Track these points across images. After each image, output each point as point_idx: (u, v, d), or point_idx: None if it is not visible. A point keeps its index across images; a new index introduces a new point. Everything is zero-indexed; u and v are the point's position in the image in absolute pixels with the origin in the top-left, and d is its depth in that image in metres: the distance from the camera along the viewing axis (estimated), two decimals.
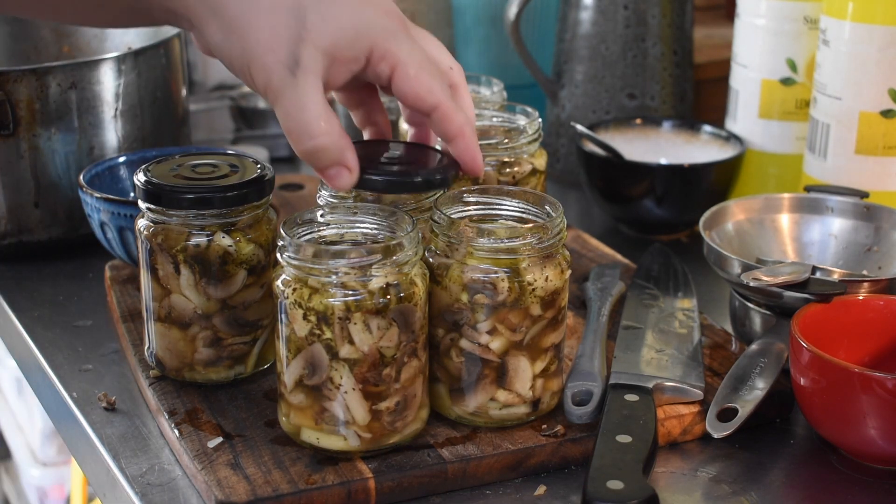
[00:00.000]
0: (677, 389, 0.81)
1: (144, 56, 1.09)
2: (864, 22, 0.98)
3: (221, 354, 0.82)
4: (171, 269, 0.80)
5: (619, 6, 1.22)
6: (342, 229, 0.76)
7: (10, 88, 1.01)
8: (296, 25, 0.70)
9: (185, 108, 1.19)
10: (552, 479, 0.76)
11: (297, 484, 0.72)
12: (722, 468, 0.77)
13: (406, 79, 0.73)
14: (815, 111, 1.04)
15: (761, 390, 0.79)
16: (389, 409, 0.74)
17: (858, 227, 0.96)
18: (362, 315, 0.71)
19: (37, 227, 1.06)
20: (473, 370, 0.76)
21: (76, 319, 0.98)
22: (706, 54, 1.37)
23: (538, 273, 0.75)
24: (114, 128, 1.08)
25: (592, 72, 1.24)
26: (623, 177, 1.12)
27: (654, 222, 1.14)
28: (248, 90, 1.51)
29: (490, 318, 0.75)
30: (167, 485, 0.75)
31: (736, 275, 0.87)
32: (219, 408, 0.81)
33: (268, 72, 0.70)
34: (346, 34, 0.71)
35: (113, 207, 0.95)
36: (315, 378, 0.73)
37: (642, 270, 0.99)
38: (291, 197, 1.15)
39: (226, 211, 0.80)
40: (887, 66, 0.98)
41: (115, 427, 0.82)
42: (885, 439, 0.75)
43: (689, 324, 0.90)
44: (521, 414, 0.78)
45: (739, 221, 0.97)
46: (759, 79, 1.12)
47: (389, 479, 0.73)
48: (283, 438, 0.76)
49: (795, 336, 0.77)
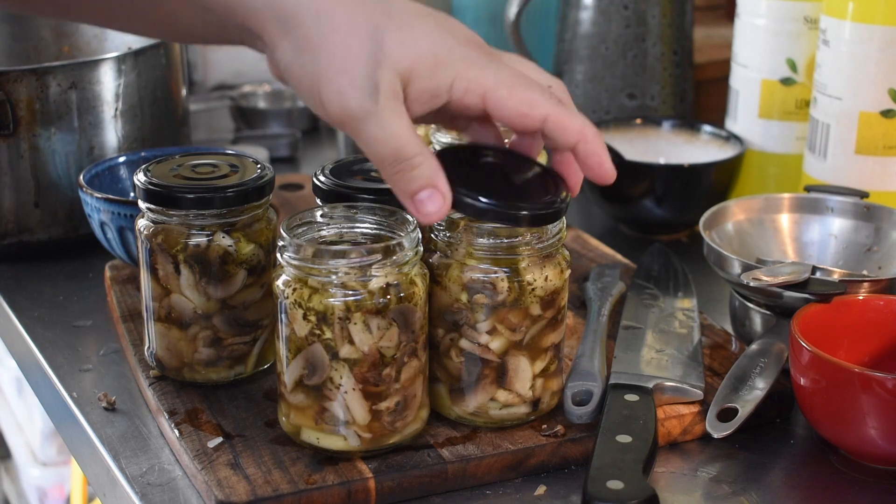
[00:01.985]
0: (677, 389, 0.81)
1: (144, 56, 1.09)
2: (864, 22, 0.98)
3: (221, 354, 0.82)
4: (171, 269, 0.80)
5: (619, 6, 1.22)
6: (342, 229, 0.76)
7: (10, 88, 1.01)
8: (373, 48, 0.66)
9: (185, 108, 1.19)
10: (552, 479, 0.76)
11: (297, 484, 0.72)
12: (722, 468, 0.77)
13: (501, 101, 0.68)
14: (815, 111, 1.04)
15: (761, 390, 0.79)
16: (389, 409, 0.74)
17: (858, 227, 0.96)
18: (362, 315, 0.71)
19: (37, 227, 1.06)
20: (473, 370, 0.76)
21: (76, 319, 0.98)
22: (706, 54, 1.37)
23: (538, 273, 0.75)
24: (114, 128, 1.08)
25: (592, 72, 1.24)
26: (623, 177, 1.11)
27: (654, 222, 1.14)
28: (249, 90, 1.51)
29: (490, 318, 0.75)
30: (167, 485, 0.75)
31: (736, 275, 0.87)
32: (219, 408, 0.81)
33: (342, 95, 0.66)
34: (426, 61, 0.67)
35: (113, 207, 0.95)
36: (315, 378, 0.73)
37: (642, 270, 0.99)
38: (291, 197, 1.15)
39: (226, 211, 0.80)
40: (887, 66, 0.98)
41: (115, 427, 0.82)
42: (885, 439, 0.75)
43: (689, 324, 0.90)
44: (521, 414, 0.78)
45: (739, 221, 0.97)
46: (759, 79, 1.12)
47: (389, 479, 0.73)
48: (283, 438, 0.76)
49: (795, 336, 0.77)
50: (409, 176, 0.67)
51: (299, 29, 0.67)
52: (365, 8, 0.67)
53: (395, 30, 0.67)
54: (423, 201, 0.68)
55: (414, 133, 0.67)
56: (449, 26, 0.70)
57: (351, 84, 0.66)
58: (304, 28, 0.67)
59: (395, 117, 0.66)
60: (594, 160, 0.71)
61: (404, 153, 0.67)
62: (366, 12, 0.67)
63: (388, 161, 0.67)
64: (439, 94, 0.68)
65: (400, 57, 0.67)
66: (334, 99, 0.67)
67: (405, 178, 0.68)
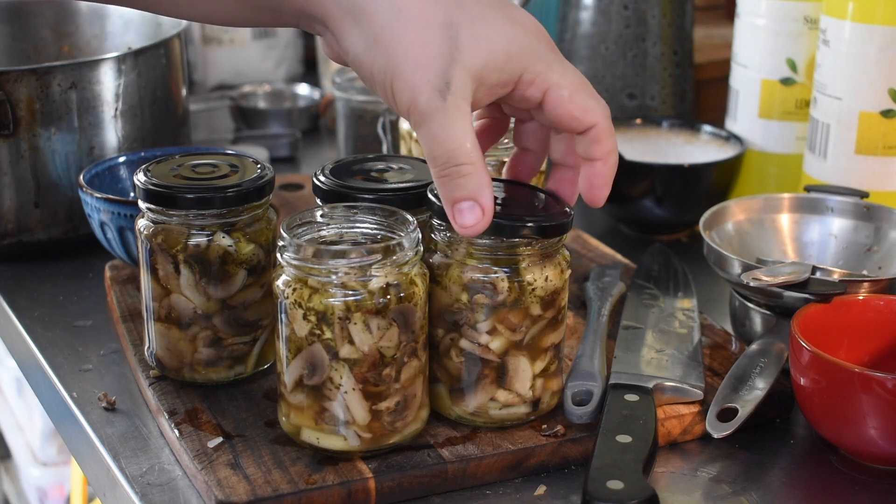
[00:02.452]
0: (677, 389, 0.81)
1: (144, 56, 1.09)
2: (864, 22, 0.98)
3: (221, 354, 0.82)
4: (171, 269, 0.81)
5: (619, 6, 1.22)
6: (342, 229, 0.76)
7: (10, 88, 1.01)
8: (448, 44, 0.66)
9: (185, 108, 1.19)
10: (552, 479, 0.76)
11: (297, 484, 0.72)
12: (722, 468, 0.77)
13: (560, 101, 0.69)
14: (815, 111, 1.04)
15: (761, 390, 0.79)
16: (389, 409, 0.74)
17: (858, 227, 0.96)
18: (362, 315, 0.71)
19: (37, 227, 1.06)
20: (473, 370, 0.76)
21: (76, 319, 0.98)
22: (706, 54, 1.37)
23: (538, 273, 0.75)
24: (114, 128, 1.08)
25: (592, 72, 1.24)
26: (623, 177, 1.11)
27: (654, 222, 1.14)
28: (249, 90, 1.51)
29: (490, 318, 0.75)
30: (167, 485, 0.75)
31: (736, 275, 0.87)
32: (219, 408, 0.81)
33: (415, 91, 0.66)
34: (498, 57, 0.68)
35: (113, 207, 0.95)
36: (315, 378, 0.73)
37: (642, 270, 0.99)
38: (291, 197, 1.15)
39: (226, 211, 0.80)
40: (887, 66, 0.98)
41: (115, 427, 0.82)
42: (885, 439, 0.75)
43: (689, 324, 0.90)
44: (521, 414, 0.78)
45: (739, 221, 0.97)
46: (759, 79, 1.12)
47: (389, 479, 0.73)
48: (283, 438, 0.76)
49: (795, 336, 0.77)
50: (455, 182, 0.68)
51: (372, 22, 0.67)
52: (439, 1, 0.67)
53: (469, 24, 0.67)
54: (463, 211, 0.69)
55: (473, 140, 0.68)
56: (520, 18, 0.70)
57: (424, 80, 0.66)
58: (376, 21, 0.67)
59: (460, 119, 0.67)
60: (601, 181, 0.73)
61: (456, 158, 0.67)
62: (440, 6, 0.67)
63: (439, 161, 0.68)
64: (507, 85, 0.69)
65: (474, 53, 0.67)
66: (406, 94, 0.67)
67: (451, 184, 0.68)
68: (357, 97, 1.23)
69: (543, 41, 0.71)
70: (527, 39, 0.69)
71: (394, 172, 0.84)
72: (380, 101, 1.20)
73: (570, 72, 0.70)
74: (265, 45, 1.60)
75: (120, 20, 1.26)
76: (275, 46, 1.61)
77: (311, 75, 1.63)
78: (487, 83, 0.68)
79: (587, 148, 0.72)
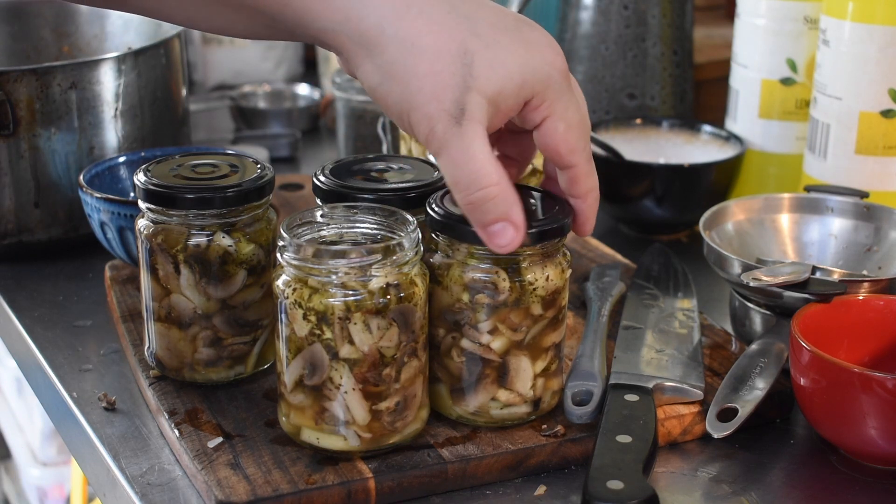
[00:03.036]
0: (677, 389, 0.81)
1: (144, 56, 1.09)
2: (864, 22, 0.98)
3: (221, 354, 0.82)
4: (171, 269, 0.80)
5: (619, 6, 1.22)
6: (342, 229, 0.76)
7: (10, 88, 1.01)
8: (462, 73, 0.66)
9: (185, 108, 1.19)
10: (552, 479, 0.76)
11: (297, 484, 0.72)
12: (722, 468, 0.77)
13: (553, 132, 0.70)
14: (815, 111, 1.04)
15: (761, 390, 0.79)
16: (389, 409, 0.74)
17: (858, 227, 0.96)
18: (362, 315, 0.71)
19: (37, 227, 1.06)
20: (474, 370, 0.76)
21: (76, 319, 0.98)
22: (706, 54, 1.37)
23: (539, 273, 0.75)
24: (114, 128, 1.08)
25: (592, 72, 1.24)
26: (623, 177, 1.12)
27: (654, 222, 1.14)
28: (249, 90, 1.51)
29: (491, 318, 0.75)
30: (167, 485, 0.75)
31: (736, 275, 0.87)
32: (219, 408, 0.81)
33: (431, 121, 0.66)
34: (514, 82, 0.68)
35: (113, 207, 0.95)
36: (315, 378, 0.73)
37: (642, 270, 0.99)
38: (291, 197, 1.15)
39: (226, 211, 0.80)
40: (887, 66, 0.98)
41: (115, 427, 0.82)
42: (885, 439, 0.75)
43: (689, 324, 0.90)
44: (521, 413, 0.78)
45: (739, 221, 0.97)
46: (759, 79, 1.12)
47: (389, 479, 0.73)
48: (283, 438, 0.76)
49: (795, 336, 0.77)
50: (483, 208, 0.68)
51: (384, 55, 0.67)
52: (452, 30, 0.67)
53: (484, 50, 0.67)
54: (497, 233, 0.69)
55: (494, 161, 0.68)
56: (535, 39, 0.70)
57: (440, 109, 0.66)
58: (388, 55, 0.67)
59: (477, 142, 0.67)
60: (582, 217, 0.75)
61: (479, 181, 0.67)
62: (453, 34, 0.67)
63: (462, 185, 0.68)
64: (517, 109, 0.70)
65: (489, 78, 0.67)
66: (423, 125, 0.67)
67: (479, 210, 0.68)
68: (357, 97, 1.23)
69: (558, 63, 0.70)
70: (542, 64, 0.69)
71: (394, 172, 0.84)
72: None
73: (573, 107, 0.71)
74: (265, 45, 1.60)
75: (120, 20, 1.26)
76: (275, 46, 1.61)
77: (311, 75, 1.63)
78: (504, 108, 0.68)
79: (566, 185, 0.73)
